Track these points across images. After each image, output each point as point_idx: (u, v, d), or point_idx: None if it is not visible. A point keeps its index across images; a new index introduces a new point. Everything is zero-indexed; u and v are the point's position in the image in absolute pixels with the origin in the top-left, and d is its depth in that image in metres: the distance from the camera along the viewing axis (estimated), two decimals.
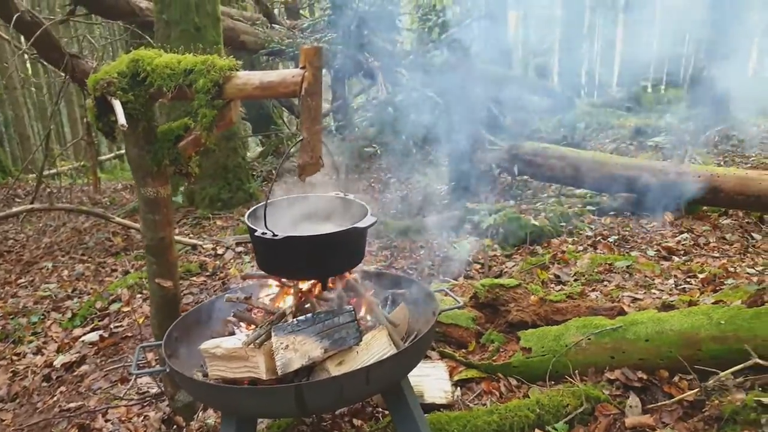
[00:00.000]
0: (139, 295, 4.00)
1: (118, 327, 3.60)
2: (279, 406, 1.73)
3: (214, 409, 2.36)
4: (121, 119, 1.83)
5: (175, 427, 2.45)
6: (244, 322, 2.06)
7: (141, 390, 2.77)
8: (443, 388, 2.40)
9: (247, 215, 1.96)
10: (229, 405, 1.79)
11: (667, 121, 8.80)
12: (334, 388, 1.69)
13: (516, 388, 2.44)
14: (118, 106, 1.88)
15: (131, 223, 5.49)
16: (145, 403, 2.67)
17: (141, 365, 2.88)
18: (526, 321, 2.73)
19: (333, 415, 2.33)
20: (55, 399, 2.90)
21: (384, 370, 1.77)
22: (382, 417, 2.29)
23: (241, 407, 1.76)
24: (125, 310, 3.83)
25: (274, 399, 1.71)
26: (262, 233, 1.76)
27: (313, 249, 1.85)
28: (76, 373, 3.09)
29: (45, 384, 3.09)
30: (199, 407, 2.49)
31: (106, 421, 2.59)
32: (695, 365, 2.18)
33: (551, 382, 2.40)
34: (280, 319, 1.89)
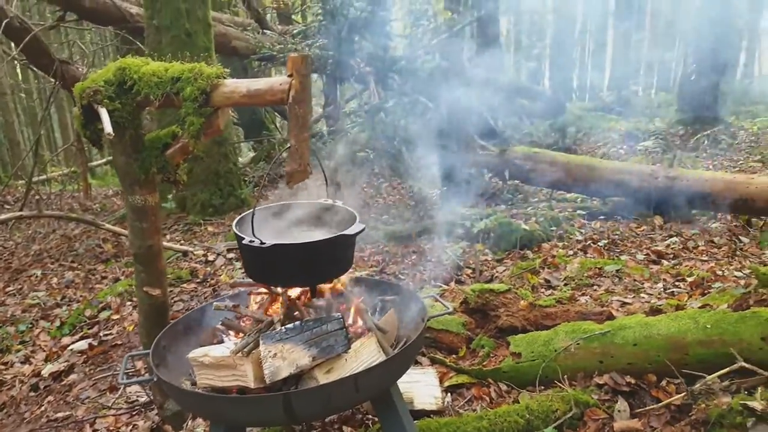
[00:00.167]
0: (129, 303, 3.97)
1: (107, 335, 3.57)
2: (267, 414, 1.73)
3: (203, 418, 2.34)
4: (108, 128, 1.83)
5: None
6: (233, 331, 2.05)
7: (130, 399, 2.74)
8: (433, 395, 2.40)
9: (234, 223, 1.96)
10: (216, 414, 1.79)
11: (656, 125, 8.87)
12: (322, 396, 1.69)
13: (506, 393, 2.44)
14: (104, 114, 1.87)
15: (121, 230, 5.45)
16: (134, 412, 2.65)
17: (130, 374, 2.86)
18: (516, 326, 2.74)
19: (323, 422, 2.32)
20: (42, 409, 2.88)
21: (373, 378, 1.77)
22: (371, 424, 2.28)
23: (229, 416, 1.75)
24: (115, 317, 3.80)
25: (262, 408, 1.71)
26: (250, 241, 1.76)
27: (301, 257, 1.85)
28: (64, 383, 3.07)
29: (33, 394, 3.06)
30: (188, 416, 2.47)
31: (95, 431, 2.57)
32: (682, 369, 2.20)
33: (541, 387, 2.40)
34: (269, 327, 1.89)
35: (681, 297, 3.09)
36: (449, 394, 2.45)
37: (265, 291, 2.12)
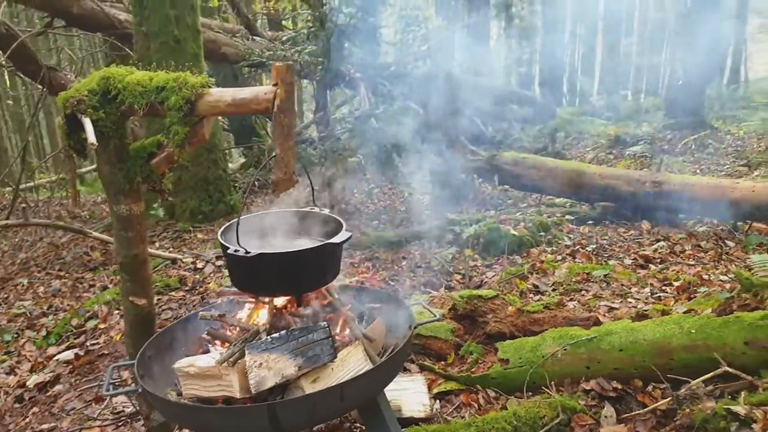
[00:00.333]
0: (116, 312, 3.94)
1: (94, 344, 3.54)
2: (252, 425, 1.71)
3: (188, 429, 2.32)
4: (91, 138, 1.82)
5: None
6: (219, 340, 2.04)
7: (116, 410, 2.72)
8: (422, 402, 2.39)
9: (220, 232, 1.95)
10: (201, 425, 1.78)
11: (644, 130, 8.96)
12: (307, 406, 1.68)
13: (494, 399, 2.45)
14: (88, 124, 1.86)
15: (109, 238, 5.41)
16: (120, 423, 2.62)
17: (116, 384, 2.83)
18: (504, 332, 2.74)
19: (310, 431, 2.31)
20: (27, 420, 2.84)
21: (359, 387, 1.77)
22: None
23: (214, 427, 1.74)
24: (102, 326, 3.77)
25: (247, 418, 1.70)
26: (235, 250, 1.76)
27: (286, 266, 1.84)
28: (49, 394, 3.03)
29: (17, 405, 3.01)
30: (174, 427, 2.45)
31: None
32: (668, 374, 2.21)
33: (529, 393, 2.41)
34: (254, 337, 1.88)
35: (667, 301, 3.11)
36: (438, 401, 2.45)
37: (252, 300, 2.11)
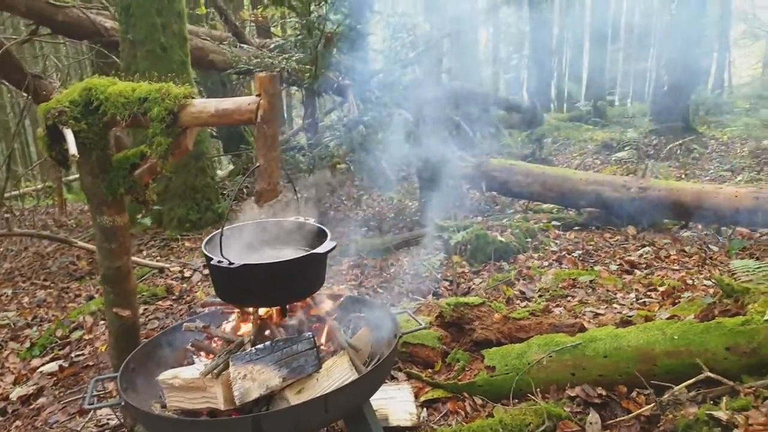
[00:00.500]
0: (102, 322, 3.89)
1: (79, 355, 3.49)
2: None
3: None
4: (73, 149, 1.81)
5: None
6: (203, 352, 2.03)
7: (100, 422, 2.68)
8: (408, 410, 2.39)
9: (204, 243, 1.94)
10: None
11: (630, 135, 9.07)
12: (292, 418, 1.68)
13: (481, 407, 2.45)
14: (69, 135, 1.85)
15: (94, 247, 5.36)
16: None
17: (101, 396, 2.80)
18: (490, 339, 2.75)
19: None
20: None
21: (343, 397, 1.77)
22: None
23: None
24: (87, 337, 3.72)
25: (231, 430, 1.69)
26: (218, 261, 1.75)
27: (270, 276, 1.84)
28: (32, 407, 2.98)
29: (0, 418, 2.97)
30: None
31: None
32: (651, 380, 2.23)
33: (515, 400, 2.42)
34: (239, 348, 1.87)
35: (652, 307, 3.14)
36: (425, 409, 2.45)
37: (237, 311, 2.10)
